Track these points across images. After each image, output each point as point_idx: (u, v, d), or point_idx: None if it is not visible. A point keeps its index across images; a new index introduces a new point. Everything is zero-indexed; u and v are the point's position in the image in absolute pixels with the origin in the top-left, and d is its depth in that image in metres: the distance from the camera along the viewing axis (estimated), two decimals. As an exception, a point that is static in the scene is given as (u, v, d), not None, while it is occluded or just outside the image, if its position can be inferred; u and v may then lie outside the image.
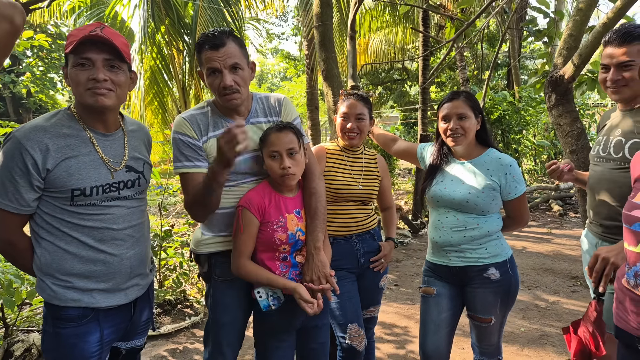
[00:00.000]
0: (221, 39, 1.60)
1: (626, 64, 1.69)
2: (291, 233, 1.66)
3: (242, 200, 1.67)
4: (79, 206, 1.40)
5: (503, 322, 1.97)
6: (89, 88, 1.38)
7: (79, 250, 1.41)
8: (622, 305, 1.29)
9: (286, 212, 1.67)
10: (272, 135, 1.66)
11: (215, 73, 1.62)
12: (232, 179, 1.70)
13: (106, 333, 1.46)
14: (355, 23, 2.90)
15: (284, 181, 1.66)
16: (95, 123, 1.46)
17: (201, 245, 1.79)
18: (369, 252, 2.14)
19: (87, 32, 1.37)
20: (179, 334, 3.47)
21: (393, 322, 3.59)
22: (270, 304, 1.64)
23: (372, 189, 2.17)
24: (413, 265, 5.07)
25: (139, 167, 1.56)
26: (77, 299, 1.40)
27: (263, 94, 1.87)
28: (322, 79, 2.65)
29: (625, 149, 1.70)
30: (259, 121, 1.78)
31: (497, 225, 1.93)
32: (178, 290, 4.04)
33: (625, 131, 1.73)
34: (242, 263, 1.64)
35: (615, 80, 1.73)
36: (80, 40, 1.35)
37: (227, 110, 1.72)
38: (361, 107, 2.09)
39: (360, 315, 2.05)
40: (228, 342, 1.76)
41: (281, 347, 1.70)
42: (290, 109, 1.84)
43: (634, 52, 1.68)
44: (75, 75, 1.38)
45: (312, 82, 7.66)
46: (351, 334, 1.98)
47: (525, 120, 8.49)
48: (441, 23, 10.60)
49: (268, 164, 1.67)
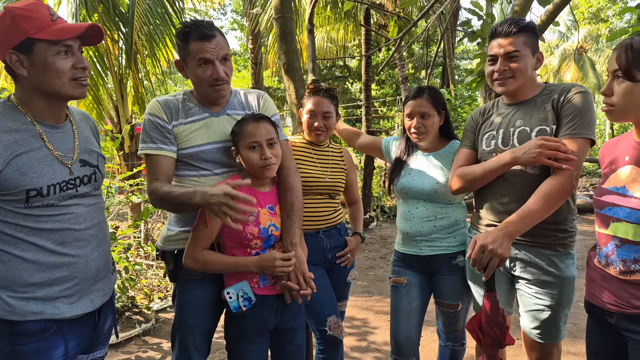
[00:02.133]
0: (211, 29, 1.57)
1: (512, 55, 1.67)
2: (263, 227, 1.60)
3: None
4: (35, 208, 1.25)
5: (468, 308, 2.06)
6: (76, 78, 1.27)
7: (38, 257, 1.26)
8: (594, 283, 1.39)
9: (258, 206, 1.62)
10: (249, 125, 1.61)
11: (206, 64, 1.58)
12: (200, 168, 1.65)
13: (71, 346, 1.31)
14: (313, 17, 2.88)
15: (264, 172, 1.61)
16: (45, 115, 1.31)
17: (167, 242, 1.71)
18: (336, 247, 2.13)
19: (48, 15, 1.25)
20: (129, 342, 3.25)
21: (352, 315, 3.63)
22: (240, 305, 1.57)
23: (339, 182, 2.16)
24: (366, 259, 5.17)
25: (93, 160, 1.43)
26: (38, 311, 1.25)
27: (242, 89, 1.84)
28: (284, 72, 2.60)
29: (532, 138, 1.65)
30: (237, 113, 1.73)
31: (463, 214, 2.01)
32: (125, 297, 3.79)
33: (527, 121, 1.70)
34: (200, 252, 1.57)
35: (502, 70, 1.70)
36: (89, 27, 1.27)
37: (206, 100, 1.68)
38: (328, 104, 2.07)
39: (336, 306, 2.05)
40: (195, 345, 1.68)
41: (254, 349, 1.64)
42: (269, 104, 1.80)
43: (519, 43, 1.66)
44: (56, 63, 1.24)
45: (258, 77, 7.53)
46: (331, 325, 1.98)
47: (462, 117, 8.97)
48: (381, 22, 10.89)
49: (246, 156, 1.60)
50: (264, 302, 1.61)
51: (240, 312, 1.58)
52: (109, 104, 6.19)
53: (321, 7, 9.91)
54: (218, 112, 1.70)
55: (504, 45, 1.68)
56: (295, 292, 1.61)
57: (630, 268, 1.26)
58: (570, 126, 1.59)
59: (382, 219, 7.80)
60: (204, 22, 1.59)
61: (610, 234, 1.31)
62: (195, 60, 1.58)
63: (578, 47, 23.41)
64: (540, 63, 1.73)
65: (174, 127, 1.64)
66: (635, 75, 1.23)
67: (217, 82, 1.60)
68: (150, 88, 6.34)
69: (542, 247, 1.68)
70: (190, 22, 1.61)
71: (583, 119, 1.58)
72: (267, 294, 1.62)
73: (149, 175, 1.62)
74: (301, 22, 6.80)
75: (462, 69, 17.04)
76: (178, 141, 1.64)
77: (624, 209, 1.26)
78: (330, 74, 15.97)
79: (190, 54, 1.58)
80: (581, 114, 1.59)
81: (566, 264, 1.68)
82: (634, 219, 1.23)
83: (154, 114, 1.63)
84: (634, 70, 1.22)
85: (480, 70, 4.40)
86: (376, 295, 4.09)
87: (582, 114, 1.59)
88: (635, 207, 1.23)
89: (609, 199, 1.31)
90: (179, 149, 1.64)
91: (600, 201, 1.34)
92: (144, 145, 1.63)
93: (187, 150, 1.63)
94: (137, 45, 5.45)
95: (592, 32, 23.08)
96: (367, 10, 7.40)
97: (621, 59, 1.24)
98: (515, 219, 1.53)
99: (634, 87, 1.24)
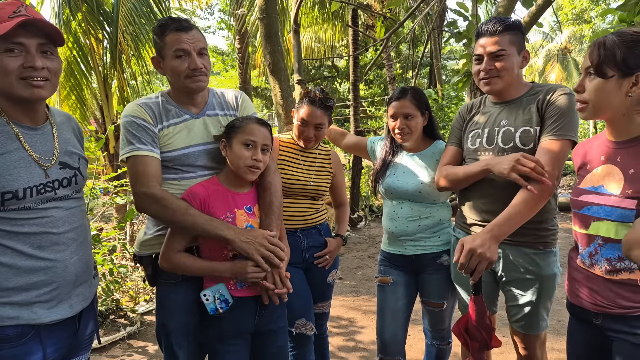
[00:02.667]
0: (188, 23, 1.56)
1: (497, 54, 1.68)
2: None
3: (185, 193, 1.57)
4: (11, 211, 1.22)
5: (454, 307, 2.07)
6: (23, 77, 1.22)
7: (15, 261, 1.23)
8: (577, 283, 1.39)
9: (235, 207, 1.60)
10: (251, 124, 1.61)
11: (182, 56, 1.56)
12: (181, 171, 1.62)
13: (49, 351, 1.28)
14: (298, 17, 2.87)
15: (247, 173, 1.59)
16: (20, 116, 1.28)
17: (144, 247, 1.69)
18: (314, 247, 2.11)
19: (11, 12, 1.19)
20: (114, 346, 3.21)
21: (339, 314, 3.63)
22: (217, 307, 1.56)
23: (324, 185, 2.16)
24: (354, 258, 5.18)
25: (74, 163, 1.40)
26: (14, 316, 1.22)
27: (219, 89, 1.81)
28: (269, 72, 2.59)
29: (515, 138, 1.68)
30: (216, 113, 1.70)
31: (447, 213, 2.02)
32: (109, 300, 3.74)
33: (513, 121, 1.71)
34: (174, 255, 1.56)
35: (488, 70, 1.71)
36: (18, 23, 1.17)
37: (183, 99, 1.65)
38: (321, 116, 2.03)
39: (309, 310, 2.04)
40: (179, 346, 1.67)
41: (231, 351, 1.62)
42: (248, 104, 1.78)
43: (505, 42, 1.67)
44: (2, 61, 1.19)
45: (246, 77, 7.49)
46: (298, 326, 1.99)
47: (449, 116, 9.04)
48: (368, 22, 10.92)
49: (238, 152, 1.58)
50: (241, 303, 1.60)
51: (217, 314, 1.57)
52: (93, 104, 6.09)
53: (309, 7, 9.91)
54: (197, 113, 1.67)
55: (490, 44, 1.69)
56: (270, 292, 1.59)
57: (616, 267, 1.26)
58: (553, 127, 1.60)
59: (371, 218, 7.83)
60: (181, 18, 1.58)
61: (592, 234, 1.32)
62: (172, 52, 1.55)
63: (562, 47, 23.76)
64: (526, 61, 1.74)
65: (159, 130, 1.60)
66: (607, 73, 1.23)
67: (194, 73, 1.56)
68: (136, 88, 6.26)
69: (524, 246, 1.70)
70: (167, 18, 1.61)
71: (566, 120, 1.60)
72: (245, 296, 1.60)
73: (142, 178, 1.52)
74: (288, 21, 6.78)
75: (449, 69, 17.16)
76: (160, 144, 1.60)
77: (603, 207, 1.27)
78: (319, 73, 15.97)
79: (166, 46, 1.56)
80: (565, 116, 1.60)
81: (547, 262, 1.70)
82: (615, 217, 1.24)
83: (137, 116, 1.57)
84: (605, 67, 1.23)
85: (466, 70, 4.45)
86: (364, 294, 4.10)
87: (565, 116, 1.60)
88: (615, 204, 1.24)
89: (587, 199, 1.32)
90: (161, 152, 1.60)
91: (578, 201, 1.35)
92: (131, 147, 1.55)
93: (170, 154, 1.60)
94: (122, 45, 5.37)
95: (575, 32, 23.44)
96: (354, 11, 7.40)
97: (593, 56, 1.25)
98: (501, 221, 1.54)
99: (605, 84, 1.24)
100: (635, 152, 1.26)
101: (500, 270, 1.76)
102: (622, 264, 1.25)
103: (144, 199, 1.52)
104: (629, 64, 1.20)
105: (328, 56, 12.51)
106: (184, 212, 1.49)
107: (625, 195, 1.22)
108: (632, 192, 1.21)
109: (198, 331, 1.69)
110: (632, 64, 1.20)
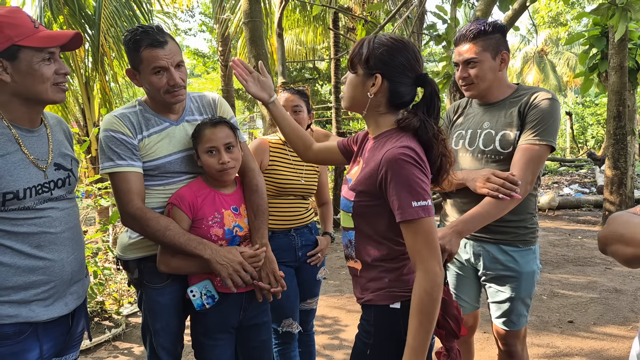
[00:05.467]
0: (162, 36, 1.54)
1: (469, 61, 1.70)
2: (228, 229, 1.64)
3: (172, 197, 1.61)
4: (11, 211, 1.26)
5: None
6: (57, 83, 1.32)
7: (15, 260, 1.27)
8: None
9: (222, 208, 1.65)
10: (207, 130, 1.61)
11: (161, 72, 1.55)
12: (166, 177, 1.65)
13: (46, 348, 1.33)
14: (282, 20, 2.94)
15: (222, 176, 1.63)
16: (22, 119, 1.34)
17: (128, 251, 1.70)
18: (307, 246, 2.19)
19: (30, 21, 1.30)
20: (99, 348, 3.21)
21: (324, 313, 3.70)
22: (204, 303, 1.61)
23: (313, 184, 2.23)
24: (338, 258, 5.26)
25: (67, 164, 1.45)
26: (13, 314, 1.26)
27: (197, 93, 1.83)
28: (254, 75, 2.64)
29: (495, 142, 1.72)
30: (195, 119, 1.72)
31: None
32: (94, 302, 3.73)
33: (493, 124, 1.75)
34: (172, 258, 1.60)
35: (463, 77, 1.73)
36: (72, 36, 1.33)
37: (161, 108, 1.66)
38: (297, 99, 2.14)
39: (295, 310, 2.12)
40: (163, 347, 1.72)
41: (217, 345, 1.68)
42: (225, 107, 1.81)
43: (477, 49, 1.68)
44: (41, 69, 1.29)
45: (229, 80, 7.51)
46: (285, 325, 2.08)
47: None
48: (349, 25, 11.04)
49: (205, 160, 1.61)
50: (227, 299, 1.64)
51: (203, 310, 1.62)
52: (75, 107, 6.04)
53: (290, 10, 9.97)
54: (177, 119, 1.68)
55: (463, 52, 1.73)
56: (266, 291, 1.67)
57: (345, 253, 1.36)
58: (533, 131, 1.64)
59: (354, 219, 7.89)
60: (154, 27, 1.56)
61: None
62: (150, 69, 1.54)
63: (539, 50, 24.37)
64: (505, 63, 1.75)
65: (139, 141, 1.60)
66: (356, 69, 1.28)
67: (173, 89, 1.57)
68: (118, 90, 6.23)
69: (504, 243, 1.77)
70: (139, 28, 1.57)
71: (546, 125, 1.63)
72: (230, 292, 1.64)
73: (124, 196, 1.55)
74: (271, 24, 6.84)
75: (428, 71, 17.41)
76: (142, 154, 1.61)
77: (342, 198, 1.34)
78: (300, 75, 16.03)
79: (143, 62, 1.55)
80: (545, 121, 1.63)
81: (527, 259, 1.77)
82: (344, 207, 1.31)
83: (115, 130, 1.57)
84: (355, 62, 1.28)
85: (445, 72, 4.58)
86: (348, 293, 4.18)
87: (545, 121, 1.63)
88: (344, 195, 1.31)
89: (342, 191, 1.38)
90: (143, 162, 1.61)
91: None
92: (111, 163, 1.55)
93: (152, 163, 1.62)
94: (104, 47, 5.34)
95: (552, 35, 24.09)
96: (335, 14, 7.49)
97: (351, 51, 1.31)
98: (467, 218, 1.61)
99: (354, 79, 1.29)
100: (372, 148, 1.30)
101: (482, 268, 1.83)
102: (348, 250, 1.34)
103: (126, 217, 1.57)
104: (370, 64, 1.25)
105: (309, 58, 12.59)
106: (163, 235, 1.52)
107: (351, 187, 1.29)
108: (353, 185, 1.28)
109: (183, 332, 1.74)
110: (372, 64, 1.24)
